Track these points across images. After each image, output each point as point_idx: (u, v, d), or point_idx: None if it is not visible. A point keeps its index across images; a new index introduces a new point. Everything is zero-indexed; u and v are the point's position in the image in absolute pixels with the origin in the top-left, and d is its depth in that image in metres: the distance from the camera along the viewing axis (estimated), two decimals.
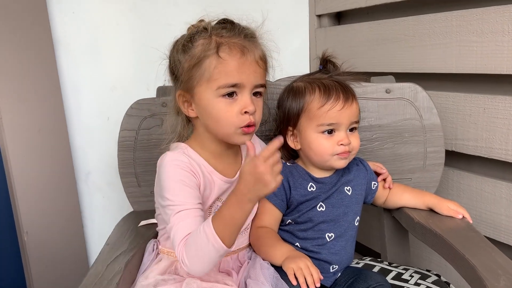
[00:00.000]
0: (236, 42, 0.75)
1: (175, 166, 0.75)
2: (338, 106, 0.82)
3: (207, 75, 0.74)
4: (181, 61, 0.76)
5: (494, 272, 0.67)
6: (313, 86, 0.85)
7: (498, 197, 1.00)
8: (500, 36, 0.92)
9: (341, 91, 0.84)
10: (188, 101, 0.78)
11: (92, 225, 1.30)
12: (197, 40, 0.75)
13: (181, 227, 0.71)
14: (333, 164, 0.85)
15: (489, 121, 0.98)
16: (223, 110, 0.75)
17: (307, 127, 0.85)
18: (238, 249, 0.85)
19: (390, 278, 0.91)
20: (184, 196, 0.74)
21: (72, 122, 1.24)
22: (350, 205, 0.88)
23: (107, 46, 1.24)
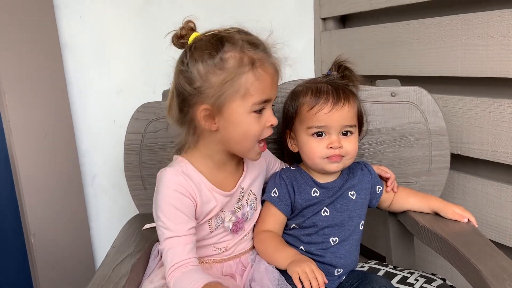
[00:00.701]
0: (267, 59, 0.75)
1: (171, 189, 0.76)
2: (326, 109, 0.82)
3: (242, 91, 0.73)
4: (208, 73, 0.73)
5: (499, 277, 0.67)
6: (307, 89, 0.86)
7: (504, 200, 0.99)
8: (505, 39, 0.92)
9: (331, 94, 0.83)
10: (212, 115, 0.75)
11: (98, 227, 1.31)
12: (226, 52, 0.73)
13: (171, 254, 0.74)
14: (325, 167, 0.85)
15: (495, 125, 0.98)
16: (253, 125, 0.76)
17: (300, 130, 0.86)
18: (240, 253, 0.85)
19: (395, 282, 0.91)
20: (176, 222, 0.75)
21: (79, 125, 1.25)
22: (354, 210, 0.88)
23: (114, 50, 1.25)
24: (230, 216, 0.82)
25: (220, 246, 0.83)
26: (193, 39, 0.76)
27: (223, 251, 0.83)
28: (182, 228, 0.75)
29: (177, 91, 0.77)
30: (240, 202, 0.84)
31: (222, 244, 0.83)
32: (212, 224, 0.81)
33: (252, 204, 0.86)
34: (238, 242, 0.85)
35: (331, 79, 0.87)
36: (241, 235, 0.85)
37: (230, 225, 0.82)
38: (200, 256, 0.82)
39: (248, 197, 0.86)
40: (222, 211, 0.82)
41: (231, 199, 0.82)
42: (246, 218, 0.85)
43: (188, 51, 0.76)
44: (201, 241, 0.81)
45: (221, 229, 0.82)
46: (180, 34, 0.77)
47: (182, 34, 0.77)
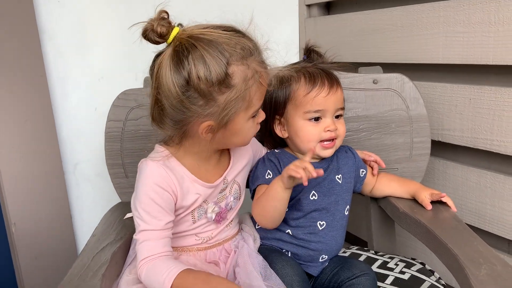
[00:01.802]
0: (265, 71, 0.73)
1: (151, 182, 0.74)
2: (324, 93, 0.83)
3: (246, 103, 0.72)
4: (213, 93, 0.68)
5: (475, 261, 0.68)
6: (298, 74, 0.86)
7: (483, 186, 1.01)
8: (486, 26, 0.93)
9: (326, 77, 0.85)
10: (215, 129, 0.72)
11: (81, 216, 1.30)
12: (229, 66, 0.68)
13: (144, 247, 0.74)
14: (319, 153, 0.86)
15: (475, 112, 0.99)
16: (251, 129, 0.77)
17: (294, 115, 0.85)
18: (224, 240, 0.85)
19: (376, 266, 0.92)
20: (152, 215, 0.74)
21: (59, 112, 1.23)
22: (340, 194, 0.89)
23: (94, 35, 1.22)
24: (213, 206, 0.82)
25: (203, 236, 0.83)
26: (174, 37, 0.69)
27: (206, 240, 0.83)
28: (159, 222, 0.74)
29: (170, 104, 0.69)
30: (223, 193, 0.84)
31: (205, 234, 0.83)
32: (195, 215, 0.80)
33: (235, 194, 0.86)
34: (222, 231, 0.85)
35: (316, 63, 0.88)
36: (224, 224, 0.85)
37: (213, 216, 0.81)
38: (183, 246, 0.82)
39: (232, 187, 0.85)
40: (205, 202, 0.81)
41: (214, 191, 0.82)
42: (229, 208, 0.85)
43: (185, 62, 0.67)
44: (184, 231, 0.81)
45: (203, 219, 0.82)
46: (161, 32, 0.68)
47: (163, 33, 0.68)
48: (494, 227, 1.00)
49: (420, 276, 0.88)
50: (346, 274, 0.83)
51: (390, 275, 0.89)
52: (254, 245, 0.86)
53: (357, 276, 0.81)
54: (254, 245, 0.86)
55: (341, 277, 0.83)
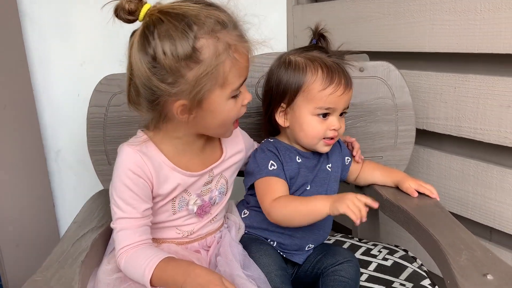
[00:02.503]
0: (240, 42, 0.69)
1: (126, 168, 0.72)
2: (339, 91, 0.80)
3: (221, 81, 0.68)
4: (181, 69, 0.65)
5: (456, 247, 0.69)
6: (315, 65, 0.81)
7: (466, 174, 1.02)
8: (472, 14, 0.93)
9: (343, 75, 0.81)
10: (190, 109, 0.69)
11: (64, 203, 1.28)
12: (197, 40, 0.65)
13: (122, 236, 0.72)
14: (319, 148, 0.85)
15: (459, 100, 0.99)
16: (231, 110, 0.72)
17: (303, 108, 0.82)
18: (206, 235, 0.83)
19: (360, 253, 0.93)
20: (127, 202, 0.72)
21: (41, 98, 1.20)
22: (330, 183, 0.89)
23: (76, 19, 1.19)
24: (195, 199, 0.79)
25: (185, 229, 0.81)
26: (145, 14, 0.66)
27: (187, 235, 0.81)
28: (134, 209, 0.72)
29: (141, 83, 0.68)
30: (208, 186, 0.81)
31: (187, 227, 0.81)
32: (176, 205, 0.78)
33: (222, 189, 0.84)
34: (204, 226, 0.83)
35: (332, 55, 0.83)
36: (207, 218, 0.83)
37: (195, 208, 0.79)
38: (163, 238, 0.81)
39: (218, 181, 0.83)
40: (186, 193, 0.79)
41: (197, 181, 0.79)
42: (214, 202, 0.83)
43: (150, 38, 0.65)
44: (164, 222, 0.79)
45: (184, 211, 0.79)
46: (129, 9, 0.66)
47: (132, 10, 0.66)
48: (476, 214, 1.01)
49: (403, 263, 0.90)
50: (330, 261, 0.83)
51: (373, 262, 0.90)
52: (238, 234, 0.85)
53: (340, 262, 0.82)
54: (238, 234, 0.85)
55: (324, 264, 0.84)
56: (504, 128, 0.91)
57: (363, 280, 0.84)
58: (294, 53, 0.86)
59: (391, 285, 0.83)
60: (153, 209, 0.77)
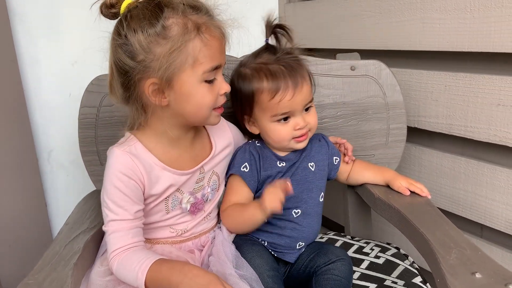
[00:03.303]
0: (212, 22, 0.70)
1: (116, 170, 0.72)
2: (288, 96, 0.80)
3: (191, 60, 0.68)
4: (151, 45, 0.67)
5: (446, 246, 0.69)
6: (260, 75, 0.81)
7: (457, 172, 1.03)
8: (462, 13, 0.93)
9: (289, 77, 0.80)
10: (161, 89, 0.70)
11: (56, 204, 1.28)
12: (167, 19, 0.67)
13: (114, 238, 0.72)
14: (293, 147, 0.85)
15: (450, 98, 1.00)
16: (206, 95, 0.72)
17: (262, 117, 0.83)
18: (200, 234, 0.84)
19: (352, 251, 0.93)
20: (119, 204, 0.72)
21: (32, 98, 1.19)
22: (313, 181, 0.89)
23: (67, 18, 1.18)
24: (188, 197, 0.80)
25: (179, 228, 0.81)
26: (126, 6, 0.70)
27: (181, 233, 0.81)
28: (126, 211, 0.72)
29: (117, 67, 0.71)
30: (201, 183, 0.82)
31: (180, 226, 0.81)
32: (169, 204, 0.78)
33: (214, 185, 0.84)
34: (198, 224, 0.83)
35: (279, 56, 0.82)
36: (201, 216, 0.83)
37: (188, 206, 0.80)
38: (157, 238, 0.81)
39: (210, 178, 0.83)
40: (179, 192, 0.79)
41: (189, 180, 0.79)
42: (206, 199, 0.83)
43: (124, 21, 0.69)
44: (157, 222, 0.79)
45: (178, 210, 0.80)
46: (110, 3, 0.70)
47: (113, 3, 0.70)
48: (467, 211, 1.02)
49: (395, 260, 0.90)
50: (322, 259, 0.83)
51: (366, 260, 0.90)
52: (230, 234, 0.85)
53: (333, 261, 0.82)
54: (230, 235, 0.85)
55: (317, 262, 0.84)
56: (494, 126, 0.92)
57: (355, 278, 0.85)
58: (245, 62, 0.86)
59: (383, 283, 0.83)
60: (146, 210, 0.77)
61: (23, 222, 1.21)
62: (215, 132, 0.85)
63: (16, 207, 1.19)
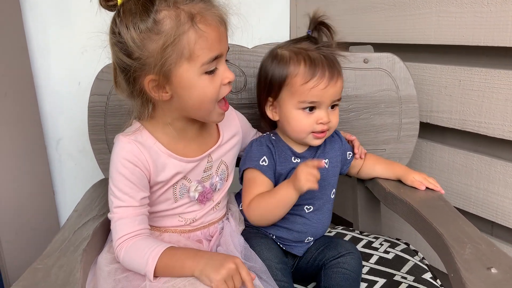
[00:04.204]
0: (207, 9, 0.67)
1: (121, 157, 0.72)
2: (322, 85, 0.78)
3: (187, 53, 0.66)
4: (144, 41, 0.65)
5: (460, 240, 0.69)
6: (298, 58, 0.79)
7: (470, 169, 1.01)
8: (479, 7, 0.91)
9: (327, 67, 0.79)
10: (161, 85, 0.69)
11: (64, 192, 1.28)
12: (158, 13, 0.65)
13: (120, 225, 0.72)
14: (309, 142, 0.84)
15: (464, 94, 0.98)
16: (207, 87, 0.69)
17: (288, 102, 0.81)
18: (209, 224, 0.83)
19: (361, 246, 0.93)
20: (124, 191, 0.72)
21: (41, 86, 1.19)
22: (327, 178, 0.88)
23: (77, 7, 1.18)
24: (196, 185, 0.79)
25: (188, 217, 0.80)
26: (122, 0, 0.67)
27: (190, 222, 0.81)
28: (131, 198, 0.72)
29: (117, 64, 0.70)
30: (209, 172, 0.81)
31: (189, 215, 0.80)
32: (177, 193, 0.78)
33: (222, 174, 0.83)
34: (207, 213, 0.82)
35: (320, 46, 0.81)
36: (209, 206, 0.82)
37: (196, 195, 0.79)
38: (166, 226, 0.80)
39: (219, 167, 0.83)
40: (186, 180, 0.78)
41: (196, 168, 0.79)
42: (215, 188, 0.82)
43: (117, 17, 0.67)
44: (166, 210, 0.79)
45: (186, 198, 0.79)
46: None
47: None
48: (478, 209, 1.01)
49: (404, 256, 0.89)
50: (331, 253, 0.83)
51: (375, 255, 0.89)
52: (239, 227, 0.85)
53: (342, 254, 0.82)
54: (239, 228, 0.84)
55: (326, 255, 0.83)
56: (509, 122, 0.90)
57: (364, 273, 0.84)
58: (282, 46, 0.85)
59: (393, 278, 0.82)
60: (154, 198, 0.77)
61: (31, 210, 1.21)
62: (223, 122, 0.83)
63: (24, 195, 1.19)
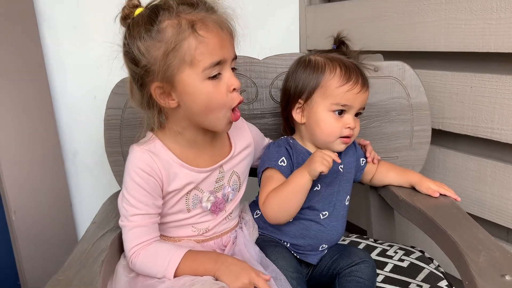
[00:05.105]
0: (208, 16, 0.70)
1: (135, 167, 0.74)
2: (356, 89, 0.82)
3: (188, 59, 0.68)
4: (149, 49, 0.68)
5: (474, 248, 0.68)
6: (334, 64, 0.84)
7: (483, 175, 1.01)
8: (488, 14, 0.92)
9: (360, 75, 0.84)
10: (167, 92, 0.71)
11: (81, 204, 1.30)
12: (162, 22, 0.68)
13: (136, 232, 0.74)
14: (335, 146, 0.85)
15: (476, 100, 0.98)
16: (212, 93, 0.70)
17: (320, 104, 0.84)
18: (221, 234, 0.84)
19: (375, 254, 0.93)
20: (139, 199, 0.74)
21: (58, 100, 1.22)
22: (342, 184, 0.88)
23: (93, 22, 1.21)
24: (208, 195, 0.80)
25: (201, 227, 0.82)
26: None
27: (203, 232, 0.82)
28: (147, 206, 0.74)
29: (129, 74, 0.74)
30: (221, 182, 0.82)
31: (202, 225, 0.82)
32: (190, 203, 0.79)
33: (234, 185, 0.84)
34: (220, 224, 0.83)
35: (350, 57, 0.86)
36: (222, 216, 0.83)
37: (209, 205, 0.80)
38: (179, 236, 0.81)
39: (230, 178, 0.83)
40: (198, 190, 0.79)
41: (208, 178, 0.80)
42: (227, 199, 0.83)
43: (127, 31, 0.71)
44: (179, 221, 0.80)
45: (199, 209, 0.80)
46: (124, 15, 0.72)
47: (126, 14, 0.72)
48: (493, 215, 1.00)
49: (419, 264, 0.89)
50: (345, 261, 0.83)
51: (389, 263, 0.89)
52: (252, 235, 0.85)
53: (356, 263, 0.82)
54: (252, 236, 0.85)
55: (340, 264, 0.84)
56: None
57: (379, 281, 0.84)
58: (313, 54, 0.88)
59: (408, 286, 0.82)
60: (167, 208, 0.78)
61: (49, 222, 1.23)
62: (235, 133, 0.86)
63: (42, 207, 1.22)
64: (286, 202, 0.80)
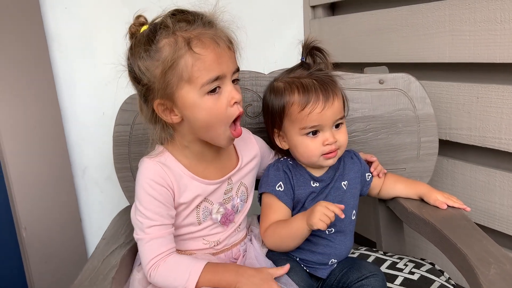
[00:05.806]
0: (204, 33, 0.70)
1: (148, 179, 0.74)
2: (318, 108, 0.80)
3: (186, 75, 0.69)
4: (149, 68, 0.70)
5: (485, 261, 0.68)
6: (292, 87, 0.82)
7: (492, 185, 1.00)
8: (492, 24, 0.92)
9: (320, 90, 0.80)
10: (169, 108, 0.73)
11: (90, 220, 1.31)
12: (159, 41, 0.69)
13: (154, 244, 0.74)
14: (322, 163, 0.85)
15: (482, 110, 0.98)
16: (213, 107, 0.71)
17: (291, 130, 0.83)
18: (232, 245, 0.85)
19: (385, 267, 0.92)
20: (154, 211, 0.74)
21: (68, 117, 1.24)
22: (346, 200, 0.88)
23: (101, 40, 1.23)
24: (218, 207, 0.81)
25: (212, 240, 0.82)
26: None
27: (214, 245, 0.82)
28: (163, 217, 0.74)
29: (135, 88, 0.76)
30: (229, 194, 0.83)
31: (213, 237, 0.82)
32: (200, 215, 0.80)
33: (242, 196, 0.85)
34: (230, 236, 0.84)
35: (312, 71, 0.84)
36: (232, 227, 0.84)
37: (219, 217, 0.81)
38: (191, 249, 0.82)
39: (239, 189, 0.84)
40: (208, 202, 0.80)
41: (217, 190, 0.81)
42: (236, 210, 0.84)
43: (129, 50, 0.73)
44: (190, 233, 0.81)
45: (209, 221, 0.81)
46: (131, 33, 0.74)
47: (133, 32, 0.74)
48: (503, 225, 0.99)
49: (430, 276, 0.88)
50: (355, 275, 0.82)
51: (400, 276, 0.89)
52: (262, 250, 0.85)
53: (366, 277, 0.81)
54: (262, 250, 0.85)
55: (349, 278, 0.83)
56: None
57: None
58: (278, 78, 0.87)
59: None
60: (179, 221, 0.79)
61: (59, 237, 1.24)
62: (241, 145, 0.87)
63: (52, 223, 1.23)
64: (285, 242, 0.83)
